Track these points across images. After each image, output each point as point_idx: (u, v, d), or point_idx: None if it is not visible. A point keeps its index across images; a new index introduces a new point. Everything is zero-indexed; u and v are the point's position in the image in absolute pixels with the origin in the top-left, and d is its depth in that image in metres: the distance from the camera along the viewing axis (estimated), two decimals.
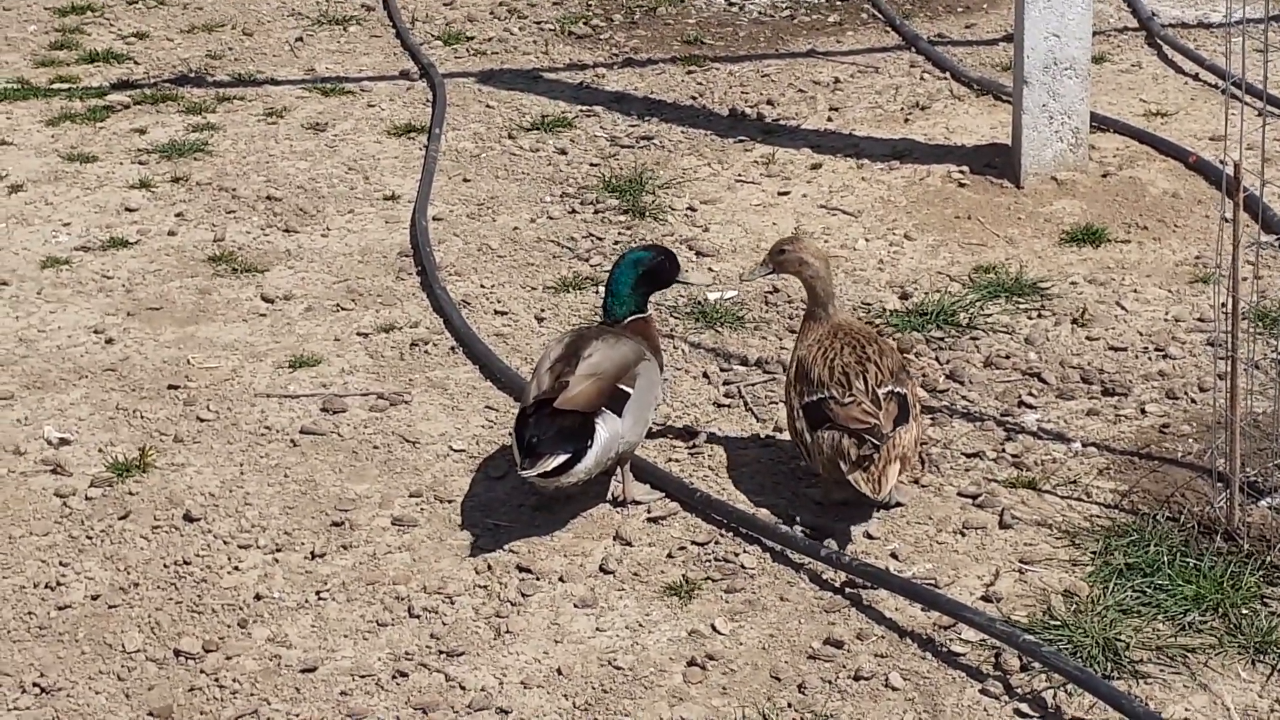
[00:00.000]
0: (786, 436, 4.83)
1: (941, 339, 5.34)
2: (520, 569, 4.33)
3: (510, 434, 4.53)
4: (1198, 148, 6.52)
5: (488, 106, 7.32)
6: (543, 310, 5.61)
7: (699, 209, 6.31)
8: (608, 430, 4.38)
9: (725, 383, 5.16)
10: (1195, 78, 7.31)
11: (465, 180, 6.63)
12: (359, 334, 5.51)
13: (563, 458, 4.30)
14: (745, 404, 5.02)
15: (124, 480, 4.73)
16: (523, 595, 4.24)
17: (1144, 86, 7.26)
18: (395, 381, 5.23)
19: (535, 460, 4.28)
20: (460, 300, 5.67)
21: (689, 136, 6.95)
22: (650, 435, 4.74)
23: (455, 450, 4.85)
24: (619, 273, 4.70)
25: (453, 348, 5.40)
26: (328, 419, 5.02)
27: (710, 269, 5.87)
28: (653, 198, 6.36)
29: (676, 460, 4.77)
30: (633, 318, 4.68)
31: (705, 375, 5.19)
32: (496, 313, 5.62)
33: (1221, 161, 6.09)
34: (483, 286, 5.80)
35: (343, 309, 5.68)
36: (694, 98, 7.36)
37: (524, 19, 8.43)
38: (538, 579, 4.30)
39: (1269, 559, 4.09)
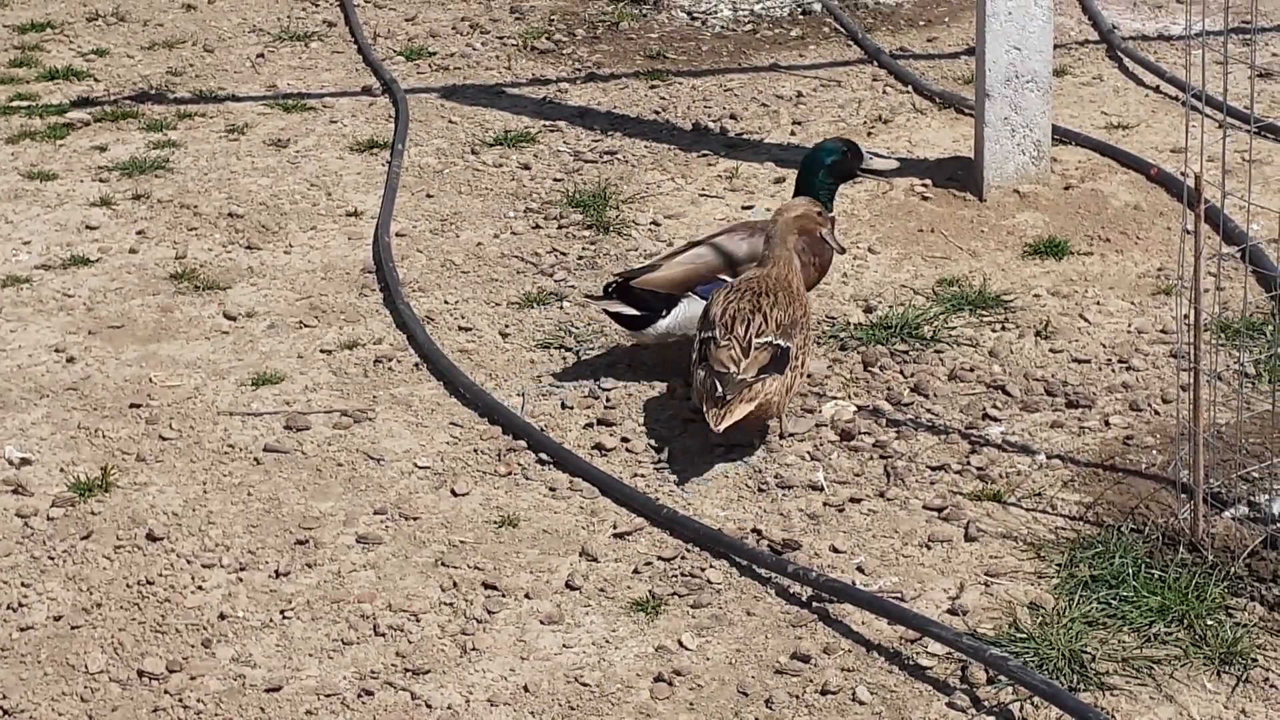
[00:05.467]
0: (752, 452, 4.84)
1: (906, 352, 5.34)
2: (486, 586, 4.32)
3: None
4: (1159, 160, 6.55)
5: (450, 122, 7.31)
6: (507, 326, 5.60)
7: (663, 223, 6.31)
8: (686, 310, 5.05)
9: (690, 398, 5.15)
10: (1156, 90, 7.35)
11: (428, 196, 6.62)
12: (322, 351, 5.49)
13: (633, 312, 5.08)
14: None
15: (86, 500, 4.70)
16: (489, 612, 4.22)
17: (1105, 99, 7.29)
18: (359, 399, 5.21)
19: (607, 300, 5.11)
20: (424, 316, 5.65)
21: (652, 151, 6.95)
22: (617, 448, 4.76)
23: (420, 467, 4.83)
24: (810, 166, 5.26)
25: (416, 364, 5.39)
26: (291, 437, 5.00)
27: None
28: (617, 212, 6.36)
29: (642, 476, 4.77)
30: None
31: (671, 391, 5.18)
32: (460, 329, 5.61)
33: (1183, 174, 6.12)
34: (446, 302, 5.78)
35: (306, 326, 5.66)
36: (657, 112, 7.36)
37: (486, 34, 8.42)
38: (504, 596, 4.28)
39: (1233, 570, 4.10)
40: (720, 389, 4.64)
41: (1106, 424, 4.90)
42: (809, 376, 5.14)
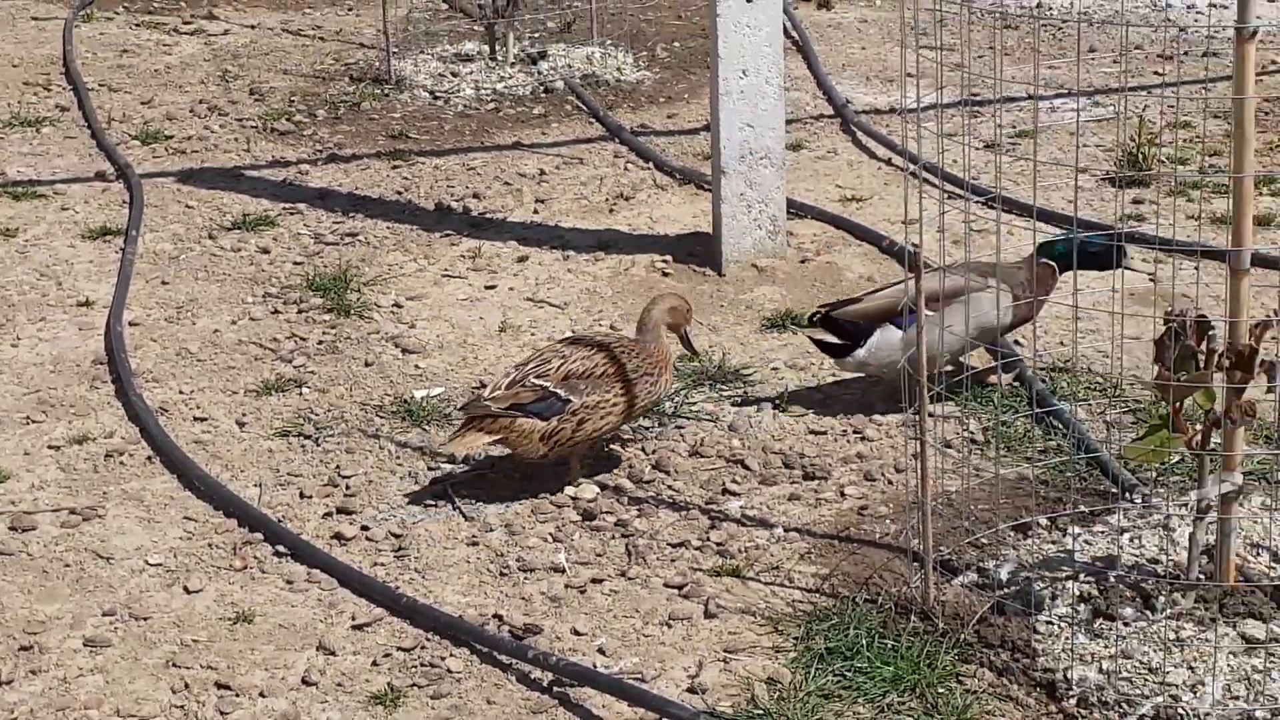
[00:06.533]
0: (494, 535, 4.81)
1: (648, 429, 5.37)
2: (219, 685, 4.20)
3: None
4: (891, 231, 6.70)
5: (187, 206, 7.18)
6: (244, 414, 5.49)
7: (405, 305, 6.26)
8: (881, 338, 5.28)
9: (433, 481, 5.10)
10: (889, 163, 7.53)
11: (164, 283, 6.48)
12: (50, 447, 5.32)
13: (833, 340, 5.40)
14: (453, 503, 4.97)
15: None
16: (221, 714, 4.11)
17: (840, 172, 7.45)
18: (88, 495, 5.05)
19: (811, 329, 5.48)
20: (158, 407, 5.52)
21: (395, 232, 6.91)
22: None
23: (151, 565, 4.70)
24: (1066, 240, 5.29)
25: (150, 457, 5.25)
26: (16, 538, 4.82)
27: (417, 366, 5.82)
28: (358, 295, 6.30)
29: (382, 565, 4.70)
30: (1041, 262, 5.32)
31: (411, 475, 5.13)
32: (196, 419, 5.48)
33: (913, 245, 6.27)
34: (181, 392, 5.65)
35: (33, 421, 5.48)
36: (399, 193, 7.33)
37: (225, 116, 8.30)
38: (237, 695, 4.17)
39: (963, 636, 4.18)
40: (461, 412, 4.91)
41: (842, 494, 4.97)
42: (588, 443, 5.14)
